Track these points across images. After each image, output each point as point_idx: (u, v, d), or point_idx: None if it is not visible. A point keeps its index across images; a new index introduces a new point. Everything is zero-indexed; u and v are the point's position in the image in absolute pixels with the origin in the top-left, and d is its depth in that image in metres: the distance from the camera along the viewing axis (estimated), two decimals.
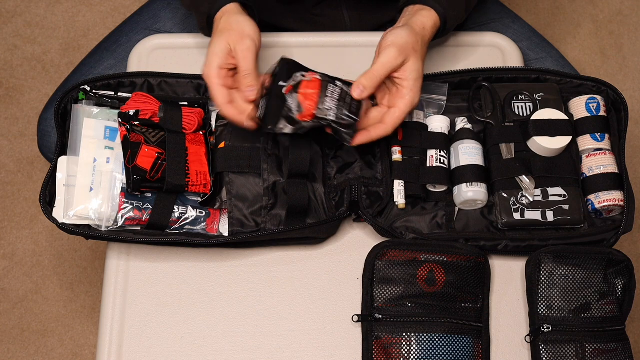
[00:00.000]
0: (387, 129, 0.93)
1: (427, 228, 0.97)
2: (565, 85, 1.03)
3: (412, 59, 0.92)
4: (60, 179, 0.94)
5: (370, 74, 0.91)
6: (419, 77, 0.93)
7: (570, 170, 0.98)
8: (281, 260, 0.97)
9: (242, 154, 0.99)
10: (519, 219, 0.95)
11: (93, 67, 1.21)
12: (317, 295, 0.95)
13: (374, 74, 0.91)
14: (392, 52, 0.91)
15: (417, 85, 0.93)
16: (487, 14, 1.25)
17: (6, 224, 1.71)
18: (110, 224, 0.93)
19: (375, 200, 0.97)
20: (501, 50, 1.12)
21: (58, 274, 1.67)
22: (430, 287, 0.93)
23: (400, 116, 0.93)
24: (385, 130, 0.93)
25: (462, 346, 0.91)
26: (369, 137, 0.93)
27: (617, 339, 0.92)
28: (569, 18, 1.99)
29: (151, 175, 0.93)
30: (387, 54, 0.91)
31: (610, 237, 0.96)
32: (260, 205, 0.97)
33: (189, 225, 0.95)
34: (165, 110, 0.98)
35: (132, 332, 0.93)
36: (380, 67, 0.91)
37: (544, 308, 0.92)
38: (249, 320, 0.94)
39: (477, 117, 1.02)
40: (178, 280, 0.96)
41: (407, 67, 0.92)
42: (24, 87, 1.86)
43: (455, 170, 0.98)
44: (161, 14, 1.24)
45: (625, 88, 1.90)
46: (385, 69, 0.91)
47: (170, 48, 1.11)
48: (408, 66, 0.92)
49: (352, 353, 0.92)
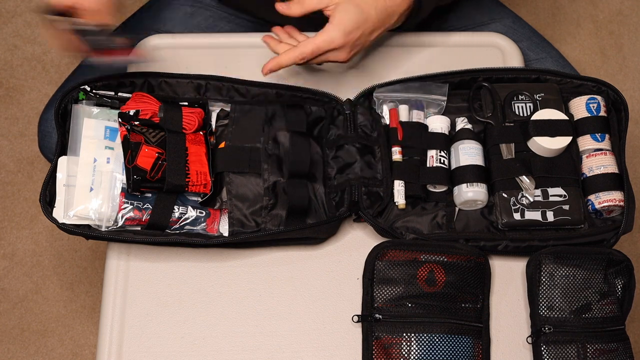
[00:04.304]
0: (296, 51, 0.95)
1: (427, 228, 0.97)
2: (565, 86, 1.03)
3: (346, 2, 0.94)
4: (60, 179, 0.94)
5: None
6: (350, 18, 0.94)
7: (570, 170, 0.98)
8: (281, 260, 0.97)
9: (242, 154, 0.99)
10: (519, 219, 0.95)
11: (93, 67, 1.21)
12: (317, 295, 0.95)
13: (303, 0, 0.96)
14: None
15: (343, 23, 0.94)
16: (487, 14, 1.25)
17: (6, 224, 1.71)
18: (110, 224, 0.93)
19: (376, 200, 0.97)
20: (501, 50, 1.12)
21: (58, 274, 1.67)
22: (431, 287, 0.92)
23: (315, 42, 0.94)
24: (296, 52, 0.95)
25: (462, 346, 0.91)
26: (277, 61, 0.96)
27: (617, 339, 0.92)
28: (569, 18, 1.99)
29: (151, 175, 0.93)
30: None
31: (610, 237, 0.96)
32: (260, 205, 0.97)
33: (189, 225, 0.95)
34: (165, 110, 0.98)
35: (132, 332, 0.93)
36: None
37: (545, 309, 0.92)
38: (249, 320, 0.94)
39: (477, 117, 1.02)
40: (178, 280, 0.96)
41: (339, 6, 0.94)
42: (24, 87, 1.85)
43: (456, 171, 0.98)
44: (161, 14, 1.24)
45: (625, 88, 1.90)
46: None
47: (170, 48, 1.11)
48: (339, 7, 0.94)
49: (352, 353, 0.92)
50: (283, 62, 0.96)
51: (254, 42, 1.11)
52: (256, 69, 1.07)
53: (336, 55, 0.97)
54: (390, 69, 1.05)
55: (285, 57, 0.96)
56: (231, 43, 1.12)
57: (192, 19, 1.22)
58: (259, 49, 1.09)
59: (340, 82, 1.08)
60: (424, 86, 1.02)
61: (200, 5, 1.22)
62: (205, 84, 1.02)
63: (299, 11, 0.97)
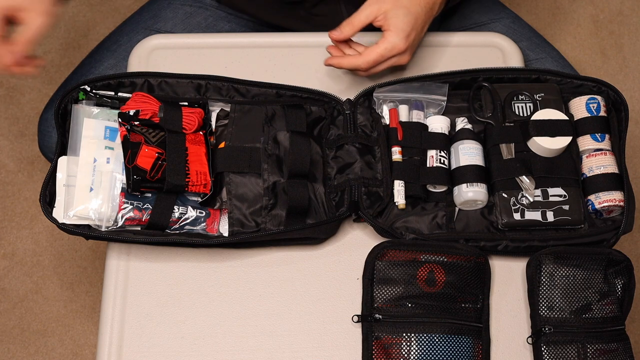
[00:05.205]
0: (360, 58, 0.97)
1: (427, 228, 0.97)
2: (565, 86, 1.03)
3: (395, 8, 0.96)
4: (60, 179, 0.94)
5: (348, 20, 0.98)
6: (405, 22, 0.96)
7: (570, 170, 0.98)
8: (281, 260, 0.97)
9: (242, 154, 0.98)
10: (519, 219, 0.95)
11: (93, 67, 1.21)
12: (317, 295, 0.95)
13: (351, 20, 0.97)
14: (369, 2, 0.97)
15: (401, 28, 0.96)
16: (487, 14, 1.25)
17: (6, 224, 1.71)
18: (110, 224, 0.93)
19: (376, 200, 0.97)
20: (501, 50, 1.12)
21: (58, 274, 1.67)
22: (430, 287, 0.92)
23: (377, 50, 0.96)
24: (359, 60, 0.97)
25: (462, 346, 0.91)
26: (339, 61, 0.98)
27: (618, 339, 0.92)
28: (569, 18, 1.99)
29: (151, 175, 0.93)
30: (365, 5, 0.97)
31: (610, 238, 0.96)
32: (260, 205, 0.97)
33: (189, 225, 0.95)
34: (165, 110, 0.98)
35: (132, 332, 0.93)
36: (356, 14, 0.97)
37: (546, 309, 0.92)
38: (249, 320, 0.94)
39: (477, 117, 1.02)
40: (178, 280, 0.96)
41: (390, 15, 0.96)
42: (24, 87, 1.85)
43: (456, 171, 0.98)
44: (161, 14, 1.24)
45: (625, 88, 1.90)
46: (360, 16, 0.97)
47: (170, 48, 1.11)
48: (390, 14, 0.96)
49: (351, 353, 0.92)
50: (344, 64, 0.99)
51: (254, 42, 1.11)
52: (256, 69, 1.07)
53: (399, 60, 1.00)
54: (390, 69, 1.05)
55: (347, 60, 0.99)
56: (231, 43, 1.12)
57: (192, 19, 1.22)
58: (259, 49, 1.09)
59: (340, 82, 1.08)
60: (424, 86, 1.02)
61: (200, 5, 1.22)
62: (205, 84, 1.02)
63: (351, 31, 0.99)
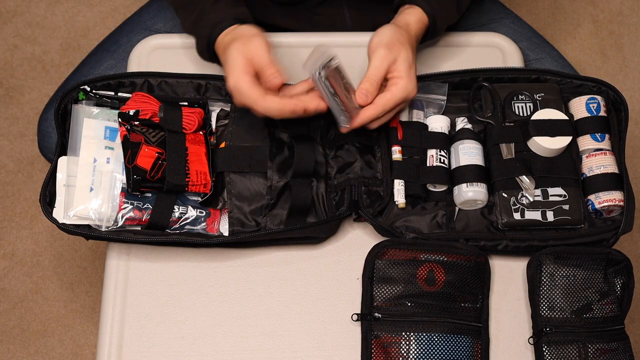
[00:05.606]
0: (375, 108, 0.94)
1: (427, 228, 0.97)
2: (565, 86, 1.03)
3: (402, 52, 0.94)
4: (60, 179, 0.94)
5: (369, 79, 0.93)
6: (410, 65, 0.95)
7: (570, 170, 0.98)
8: (281, 260, 0.97)
9: (243, 154, 0.99)
10: (519, 219, 0.95)
11: (93, 67, 1.21)
12: (317, 295, 0.95)
13: (372, 78, 0.93)
14: (382, 53, 0.93)
15: (411, 73, 0.94)
16: (487, 14, 1.25)
17: (6, 224, 1.71)
18: (110, 224, 0.93)
19: (376, 199, 0.97)
20: (501, 50, 1.12)
21: (58, 274, 1.67)
22: (430, 286, 0.93)
23: (391, 98, 0.94)
24: (374, 110, 0.94)
25: (461, 346, 0.91)
26: (359, 119, 0.94)
27: (618, 338, 0.92)
28: (569, 18, 1.99)
29: (151, 175, 0.93)
30: (377, 56, 0.93)
31: (610, 237, 0.96)
32: (260, 204, 0.97)
33: (189, 225, 0.95)
34: (165, 110, 0.98)
35: (132, 332, 0.93)
36: (375, 70, 0.93)
37: (546, 309, 0.92)
38: (249, 320, 0.94)
39: (477, 117, 1.02)
40: (178, 280, 0.96)
41: (399, 61, 0.94)
42: (24, 87, 1.86)
43: (456, 170, 0.98)
44: (161, 14, 1.24)
45: (625, 88, 1.90)
46: (380, 71, 0.93)
47: (170, 48, 1.11)
48: (399, 60, 0.94)
49: (351, 352, 0.92)
50: (365, 118, 0.95)
51: None
52: None
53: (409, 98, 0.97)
54: None
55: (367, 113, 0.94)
56: None
57: None
58: None
59: None
60: (424, 86, 1.02)
61: None
62: (205, 84, 1.02)
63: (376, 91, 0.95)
